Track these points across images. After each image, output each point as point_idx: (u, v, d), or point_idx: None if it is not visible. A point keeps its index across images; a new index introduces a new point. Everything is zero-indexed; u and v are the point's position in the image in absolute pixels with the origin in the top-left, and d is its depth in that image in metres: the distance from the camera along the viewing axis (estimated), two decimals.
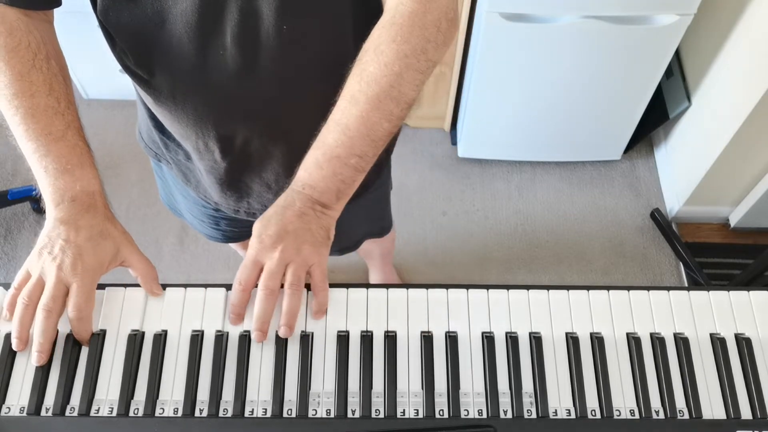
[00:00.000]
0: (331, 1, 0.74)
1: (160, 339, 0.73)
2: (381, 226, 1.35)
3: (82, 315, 0.71)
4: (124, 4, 0.72)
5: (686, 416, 0.71)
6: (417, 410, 0.70)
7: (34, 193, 1.92)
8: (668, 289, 0.79)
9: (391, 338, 0.74)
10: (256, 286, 0.72)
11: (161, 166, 1.08)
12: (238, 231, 1.21)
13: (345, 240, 1.30)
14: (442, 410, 0.71)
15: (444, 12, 0.72)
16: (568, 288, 0.78)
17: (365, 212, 1.20)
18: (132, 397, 0.71)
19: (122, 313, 0.76)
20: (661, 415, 0.71)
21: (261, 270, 0.72)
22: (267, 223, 0.73)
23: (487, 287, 0.78)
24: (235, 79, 0.77)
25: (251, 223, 0.77)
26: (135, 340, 0.73)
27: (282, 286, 0.72)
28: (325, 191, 0.73)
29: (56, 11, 0.78)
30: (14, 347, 0.72)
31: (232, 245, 1.42)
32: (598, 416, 0.71)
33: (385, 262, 1.77)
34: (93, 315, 0.73)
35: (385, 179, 1.15)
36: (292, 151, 0.88)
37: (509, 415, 0.70)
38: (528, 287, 0.78)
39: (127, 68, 0.80)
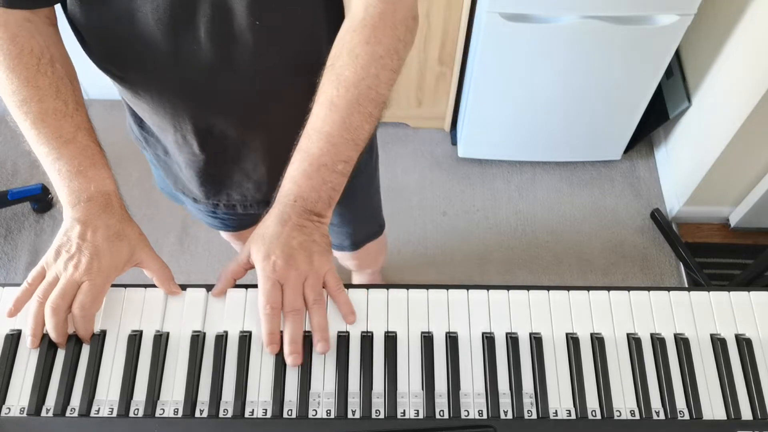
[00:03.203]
0: (301, 1, 0.74)
1: (160, 339, 0.73)
2: (377, 226, 1.35)
3: (85, 314, 0.71)
4: (92, 4, 0.72)
5: (686, 417, 0.71)
6: (417, 411, 0.70)
7: (49, 196, 1.92)
8: (668, 289, 0.79)
9: (391, 338, 0.74)
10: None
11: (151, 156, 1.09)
12: (236, 219, 1.21)
13: (343, 237, 1.30)
14: (443, 411, 0.71)
15: (410, 9, 0.73)
16: (568, 288, 0.78)
17: (358, 214, 1.19)
18: (132, 398, 0.71)
19: (122, 313, 0.76)
20: (662, 416, 0.71)
21: (281, 288, 0.71)
22: (270, 242, 0.72)
23: (488, 287, 0.78)
24: (209, 73, 0.77)
25: (247, 213, 0.76)
26: (135, 340, 0.73)
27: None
28: (318, 200, 0.73)
29: (57, 14, 0.78)
30: (28, 344, 0.72)
31: (225, 237, 1.42)
32: (599, 417, 0.71)
33: (374, 276, 1.77)
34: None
35: (371, 175, 1.15)
36: (269, 141, 0.90)
37: (509, 416, 0.70)
38: (528, 287, 0.78)
39: (99, 65, 0.80)
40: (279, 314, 0.71)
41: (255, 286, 0.76)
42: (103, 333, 0.74)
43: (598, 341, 0.75)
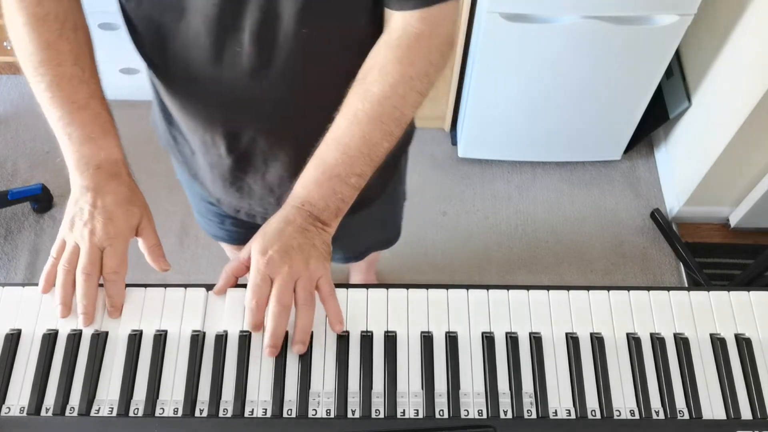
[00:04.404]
0: (352, 12, 0.74)
1: (160, 339, 0.73)
2: (387, 237, 1.34)
3: (116, 278, 0.74)
4: None
5: (686, 416, 0.71)
6: (417, 410, 0.70)
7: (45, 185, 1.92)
8: (668, 289, 0.79)
9: (391, 338, 0.74)
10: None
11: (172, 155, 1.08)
12: (243, 231, 1.20)
13: (351, 249, 1.29)
14: (442, 410, 0.71)
15: (447, 36, 0.73)
16: (568, 288, 0.78)
17: (372, 223, 1.19)
18: (132, 397, 0.71)
19: (122, 313, 0.76)
20: (661, 416, 0.71)
21: (271, 284, 0.71)
22: (270, 239, 0.72)
23: (487, 287, 0.78)
24: (248, 77, 0.77)
25: (256, 225, 0.76)
26: (135, 339, 0.73)
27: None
28: (324, 209, 0.74)
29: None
30: (59, 314, 0.74)
31: (224, 247, 1.41)
32: (598, 416, 0.71)
33: (370, 269, 1.77)
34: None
35: (393, 192, 1.14)
36: (297, 156, 0.88)
37: (509, 416, 0.70)
38: (528, 287, 0.78)
39: (143, 54, 0.81)
40: (263, 310, 0.71)
41: None
42: (104, 333, 0.74)
43: (597, 341, 0.75)
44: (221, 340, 0.73)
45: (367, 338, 0.74)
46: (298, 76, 0.78)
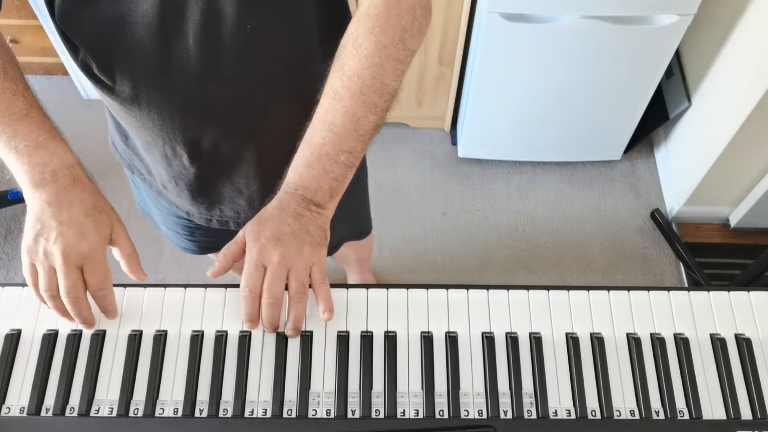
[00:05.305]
0: (294, 0, 0.73)
1: (160, 339, 0.73)
2: (360, 228, 1.33)
3: (104, 293, 0.72)
4: (85, 6, 0.71)
5: (686, 416, 0.71)
6: (417, 410, 0.70)
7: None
8: (668, 289, 0.79)
9: (391, 338, 0.74)
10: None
11: (135, 176, 1.06)
12: (213, 240, 1.19)
13: None
14: (442, 410, 0.71)
15: (417, 0, 0.72)
16: (568, 288, 0.78)
17: (340, 212, 1.19)
18: (132, 398, 0.71)
19: (122, 313, 0.76)
20: (661, 416, 0.71)
21: (264, 272, 0.71)
22: (263, 225, 0.72)
23: (487, 287, 0.78)
24: (199, 80, 0.76)
25: (227, 232, 0.74)
26: (135, 340, 0.73)
27: (285, 288, 0.71)
28: (318, 190, 0.73)
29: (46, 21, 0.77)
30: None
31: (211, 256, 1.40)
32: (598, 416, 0.71)
33: (364, 269, 1.76)
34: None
35: (358, 179, 1.14)
36: (261, 154, 0.88)
37: (509, 416, 0.70)
38: (528, 287, 0.78)
39: (90, 74, 0.78)
40: (257, 297, 0.71)
41: None
42: (103, 333, 0.74)
43: (598, 341, 0.75)
44: (221, 340, 0.73)
45: (367, 338, 0.74)
46: (250, 72, 0.77)
